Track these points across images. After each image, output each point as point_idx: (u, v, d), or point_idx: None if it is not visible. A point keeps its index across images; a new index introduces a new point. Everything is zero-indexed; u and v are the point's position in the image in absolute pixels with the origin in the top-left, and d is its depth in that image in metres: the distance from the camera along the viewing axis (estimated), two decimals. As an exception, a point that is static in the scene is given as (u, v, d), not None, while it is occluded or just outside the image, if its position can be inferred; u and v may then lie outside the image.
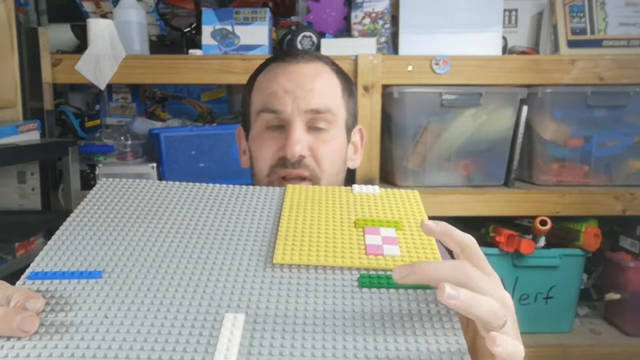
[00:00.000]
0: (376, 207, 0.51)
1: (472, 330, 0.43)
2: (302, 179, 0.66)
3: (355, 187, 0.54)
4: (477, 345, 0.42)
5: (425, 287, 0.38)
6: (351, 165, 0.76)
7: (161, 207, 0.49)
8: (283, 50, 0.74)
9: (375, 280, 0.39)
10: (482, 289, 0.38)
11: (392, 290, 0.38)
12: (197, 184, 0.55)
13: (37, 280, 0.38)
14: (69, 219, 0.47)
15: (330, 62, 0.72)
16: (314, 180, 0.66)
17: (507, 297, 0.41)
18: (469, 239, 0.41)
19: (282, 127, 0.67)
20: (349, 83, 0.73)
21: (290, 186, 0.54)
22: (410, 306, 0.37)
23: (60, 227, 0.45)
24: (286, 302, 0.37)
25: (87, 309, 0.36)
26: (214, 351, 0.32)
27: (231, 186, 0.54)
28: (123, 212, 0.48)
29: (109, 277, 0.39)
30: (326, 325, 0.35)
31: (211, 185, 0.54)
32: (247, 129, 0.73)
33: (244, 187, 0.54)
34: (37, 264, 0.40)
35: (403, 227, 0.47)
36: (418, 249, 0.43)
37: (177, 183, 0.55)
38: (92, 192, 0.52)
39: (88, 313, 0.35)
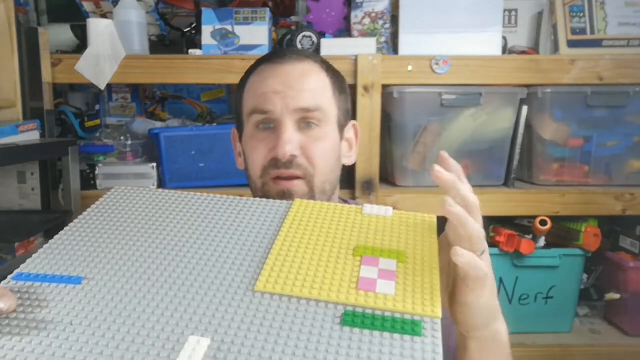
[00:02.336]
0: (383, 232, 0.47)
1: (452, 281, 0.49)
2: (296, 178, 0.66)
3: (367, 207, 0.51)
4: (455, 293, 0.49)
5: (412, 333, 0.35)
6: (346, 162, 0.76)
7: (160, 219, 0.49)
8: (272, 51, 0.75)
9: (359, 319, 0.36)
10: (479, 220, 0.46)
11: (375, 333, 0.35)
12: (208, 195, 0.54)
13: (20, 282, 0.40)
14: (70, 225, 0.48)
15: (320, 60, 0.72)
16: (307, 178, 0.66)
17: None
18: (474, 198, 0.47)
19: (273, 128, 0.67)
20: (340, 80, 0.73)
21: (297, 200, 0.52)
22: (392, 353, 0.33)
23: (59, 233, 0.46)
24: (257, 332, 0.35)
25: (56, 313, 0.37)
26: None
27: (238, 198, 0.53)
28: (122, 222, 0.48)
29: (88, 285, 0.40)
30: None
31: (219, 197, 0.53)
32: (240, 130, 0.74)
33: (251, 199, 0.53)
34: (27, 266, 0.42)
35: (406, 259, 0.43)
36: (417, 288, 0.40)
37: (189, 194, 0.54)
38: (101, 199, 0.52)
39: (55, 317, 0.36)
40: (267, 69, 0.69)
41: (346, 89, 0.74)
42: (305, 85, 0.66)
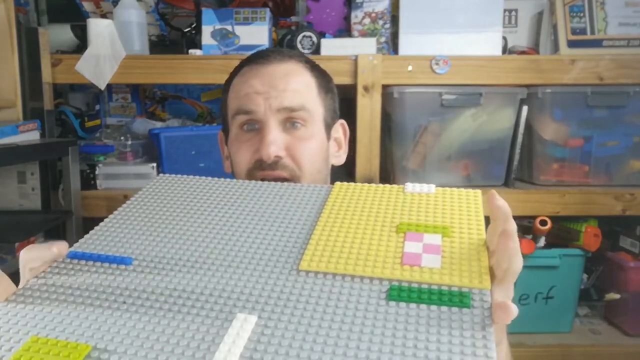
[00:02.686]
0: (427, 209, 0.46)
1: None
2: (282, 179, 0.65)
3: (408, 185, 0.50)
4: None
5: (461, 305, 0.34)
6: (335, 162, 0.75)
7: (205, 204, 0.50)
8: (256, 52, 0.74)
9: (405, 293, 0.36)
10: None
11: (422, 306, 0.34)
12: (249, 182, 0.55)
13: (74, 259, 0.42)
14: (118, 209, 0.50)
15: (305, 60, 0.71)
16: (294, 180, 0.66)
17: None
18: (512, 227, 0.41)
19: (257, 129, 0.66)
20: (325, 79, 0.72)
21: (338, 183, 0.53)
22: (440, 325, 0.33)
23: (109, 216, 0.49)
24: (303, 309, 0.35)
25: (109, 291, 0.38)
26: (215, 350, 0.32)
27: (279, 184, 0.54)
28: (168, 207, 0.50)
29: (138, 265, 0.41)
30: (340, 337, 0.32)
31: (260, 183, 0.55)
32: (226, 133, 0.73)
33: (292, 184, 0.54)
34: (80, 245, 0.44)
35: (452, 233, 0.42)
36: (464, 260, 0.39)
37: (231, 180, 0.55)
38: (148, 185, 0.54)
39: (108, 296, 0.38)
40: (251, 69, 0.69)
41: (332, 89, 0.74)
42: (288, 85, 0.66)
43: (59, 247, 0.41)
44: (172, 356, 0.31)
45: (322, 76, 0.72)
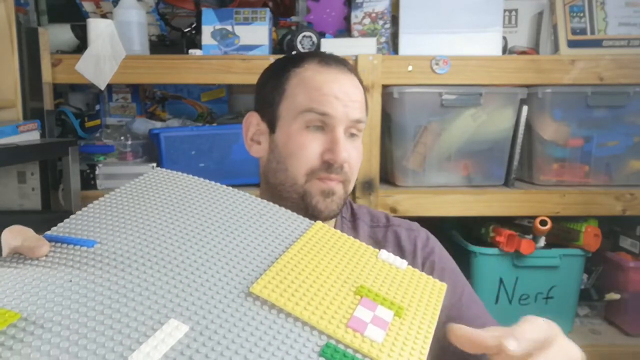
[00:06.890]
0: (392, 281, 0.46)
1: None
2: (338, 182, 0.68)
3: (383, 252, 0.50)
4: None
5: None
6: None
7: (184, 205, 0.50)
8: (323, 53, 0.74)
9: (339, 355, 0.35)
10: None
11: None
12: (237, 192, 0.54)
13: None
14: (106, 195, 0.50)
15: (356, 72, 0.74)
16: (345, 183, 0.69)
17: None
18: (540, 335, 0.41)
19: (322, 129, 0.68)
20: (365, 93, 0.77)
21: (319, 223, 0.52)
22: None
23: (95, 201, 0.49)
24: (236, 335, 0.35)
25: (61, 268, 0.39)
26: (137, 347, 0.31)
27: (264, 202, 0.53)
28: (149, 201, 0.50)
29: (99, 249, 0.42)
30: None
31: (247, 196, 0.54)
32: (269, 119, 0.72)
33: (277, 207, 0.53)
34: (57, 228, 0.45)
35: (405, 315, 0.42)
36: (405, 346, 0.39)
37: (220, 186, 0.55)
38: (141, 177, 0.54)
39: (58, 272, 0.38)
40: (324, 71, 0.69)
41: (367, 102, 0.77)
42: (356, 97, 0.69)
43: (43, 249, 0.41)
44: (93, 344, 0.31)
45: (364, 90, 0.75)
